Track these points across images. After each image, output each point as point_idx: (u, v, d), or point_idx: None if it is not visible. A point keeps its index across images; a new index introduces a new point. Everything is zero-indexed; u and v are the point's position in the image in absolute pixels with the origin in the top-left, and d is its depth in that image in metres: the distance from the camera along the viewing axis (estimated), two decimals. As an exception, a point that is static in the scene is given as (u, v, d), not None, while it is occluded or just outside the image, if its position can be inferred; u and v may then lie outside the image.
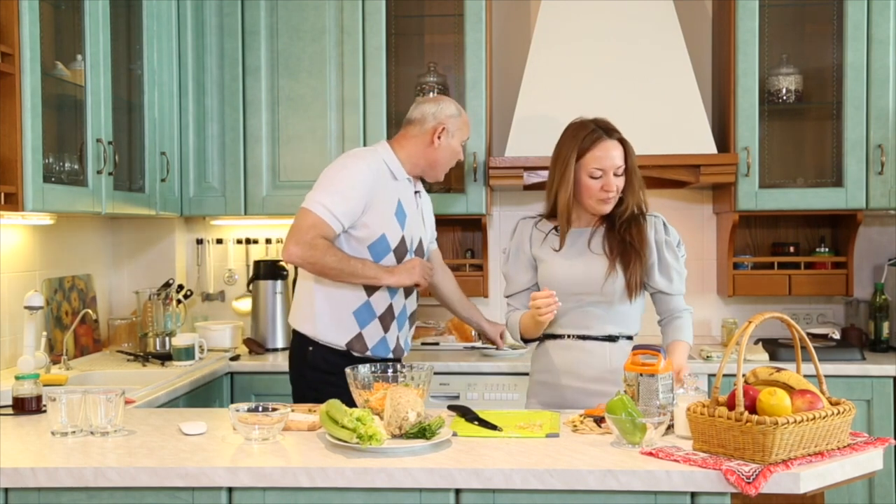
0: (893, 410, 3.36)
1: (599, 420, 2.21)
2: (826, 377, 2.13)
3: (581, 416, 2.28)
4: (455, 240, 4.09)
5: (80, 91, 2.95)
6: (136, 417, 2.40)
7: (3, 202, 2.61)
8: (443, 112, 2.86)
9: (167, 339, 3.56)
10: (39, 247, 3.34)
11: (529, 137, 3.59)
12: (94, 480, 1.92)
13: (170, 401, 2.87)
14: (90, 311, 3.50)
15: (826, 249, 3.84)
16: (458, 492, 1.93)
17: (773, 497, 1.88)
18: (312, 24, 3.70)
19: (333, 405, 2.09)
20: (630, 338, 2.63)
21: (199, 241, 4.10)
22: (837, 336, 3.68)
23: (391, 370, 2.34)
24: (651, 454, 1.96)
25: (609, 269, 2.55)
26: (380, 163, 2.81)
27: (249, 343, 3.79)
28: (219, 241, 4.11)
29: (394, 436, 2.07)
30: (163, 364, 3.33)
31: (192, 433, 2.19)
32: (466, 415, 2.31)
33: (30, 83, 2.64)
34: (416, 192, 2.92)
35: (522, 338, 2.69)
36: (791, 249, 3.87)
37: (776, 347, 3.51)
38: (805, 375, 2.06)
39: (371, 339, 2.80)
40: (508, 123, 3.72)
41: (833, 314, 3.96)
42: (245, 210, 3.76)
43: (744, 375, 2.01)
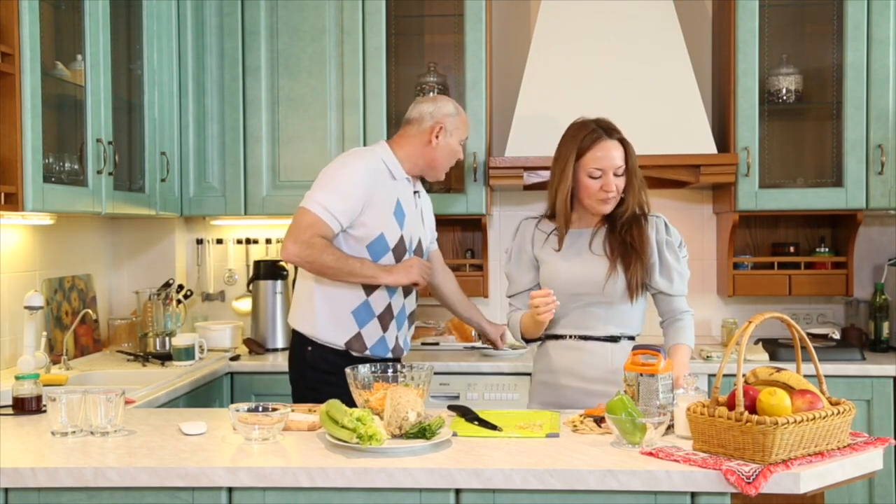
0: (893, 410, 3.36)
1: (599, 420, 2.21)
2: (826, 377, 2.13)
3: (581, 416, 2.28)
4: (455, 240, 4.09)
5: (80, 91, 2.95)
6: (136, 417, 2.40)
7: (3, 202, 2.61)
8: (440, 111, 2.86)
9: (167, 339, 3.56)
10: (39, 247, 3.34)
11: (529, 137, 3.59)
12: (94, 480, 1.92)
13: (170, 401, 2.87)
14: (90, 311, 3.50)
15: (826, 249, 3.84)
16: (458, 492, 1.93)
17: (773, 497, 1.88)
18: (312, 24, 3.70)
19: (333, 405, 2.09)
20: (632, 338, 2.62)
21: (199, 241, 4.10)
22: (837, 336, 3.68)
23: (391, 370, 2.34)
24: (651, 454, 1.96)
25: (610, 270, 2.54)
26: (378, 162, 2.80)
27: (249, 343, 3.78)
28: (219, 241, 4.11)
29: (394, 436, 2.07)
30: (163, 364, 3.33)
31: (192, 433, 2.19)
32: (466, 415, 2.31)
33: (30, 83, 2.64)
34: (416, 192, 2.92)
35: (523, 338, 2.69)
36: (791, 249, 3.86)
37: (776, 347, 3.51)
38: (805, 375, 2.06)
39: (370, 339, 2.80)
40: (508, 123, 3.72)
41: (833, 314, 3.96)
42: (245, 210, 3.76)
43: (744, 375, 2.00)
